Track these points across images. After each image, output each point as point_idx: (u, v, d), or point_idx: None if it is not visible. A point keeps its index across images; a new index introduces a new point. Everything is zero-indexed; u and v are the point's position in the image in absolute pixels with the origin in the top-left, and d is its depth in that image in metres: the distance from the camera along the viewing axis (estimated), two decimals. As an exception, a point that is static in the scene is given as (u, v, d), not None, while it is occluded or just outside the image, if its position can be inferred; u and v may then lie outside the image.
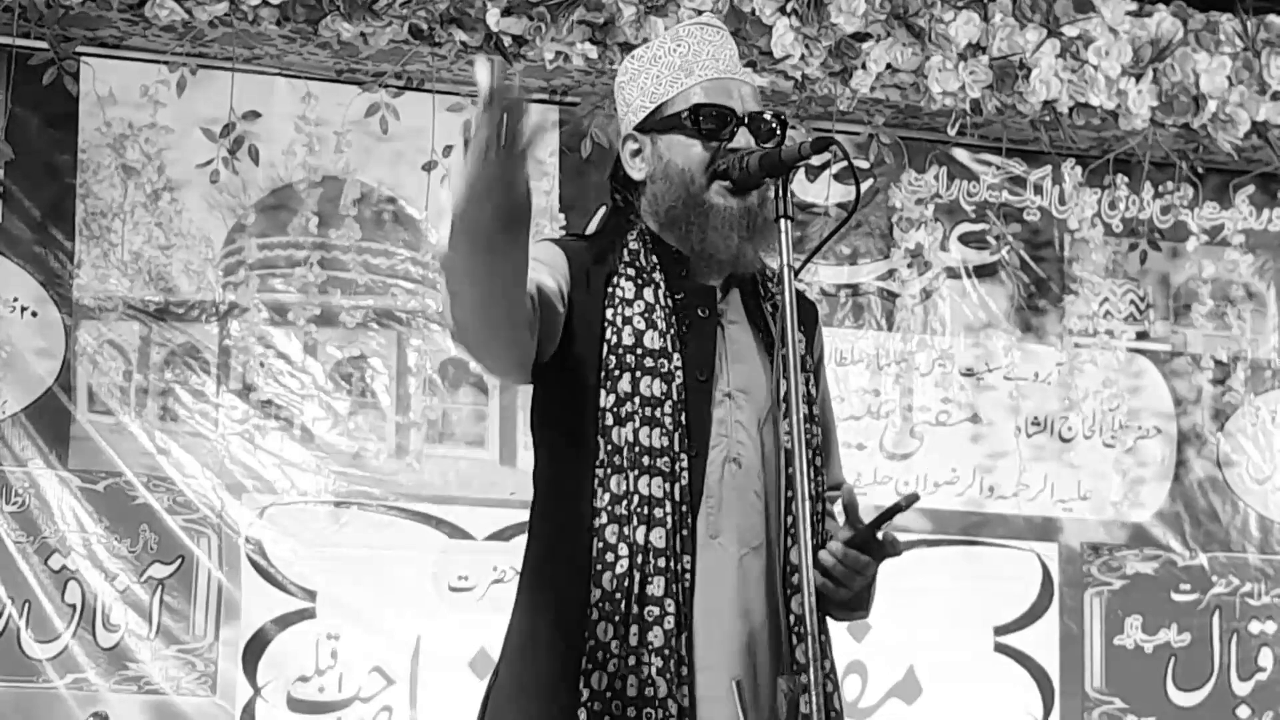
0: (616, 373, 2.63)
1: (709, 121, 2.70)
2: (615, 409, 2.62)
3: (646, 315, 2.67)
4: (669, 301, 2.69)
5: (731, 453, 2.67)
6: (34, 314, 4.62)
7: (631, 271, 2.70)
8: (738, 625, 2.63)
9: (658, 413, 2.62)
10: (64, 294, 4.64)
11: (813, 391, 2.76)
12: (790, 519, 2.65)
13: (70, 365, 4.61)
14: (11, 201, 4.62)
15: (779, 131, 2.73)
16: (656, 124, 2.74)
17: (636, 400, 2.62)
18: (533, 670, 2.61)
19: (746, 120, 2.71)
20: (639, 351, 2.64)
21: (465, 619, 4.69)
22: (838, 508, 2.71)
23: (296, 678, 4.65)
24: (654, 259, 2.72)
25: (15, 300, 4.61)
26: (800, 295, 2.81)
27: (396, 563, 4.74)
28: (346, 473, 4.77)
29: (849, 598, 2.69)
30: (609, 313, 2.66)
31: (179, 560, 4.61)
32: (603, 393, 2.63)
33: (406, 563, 4.74)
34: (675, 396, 2.63)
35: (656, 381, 2.63)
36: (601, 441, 2.61)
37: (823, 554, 2.64)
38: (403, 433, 4.83)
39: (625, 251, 2.72)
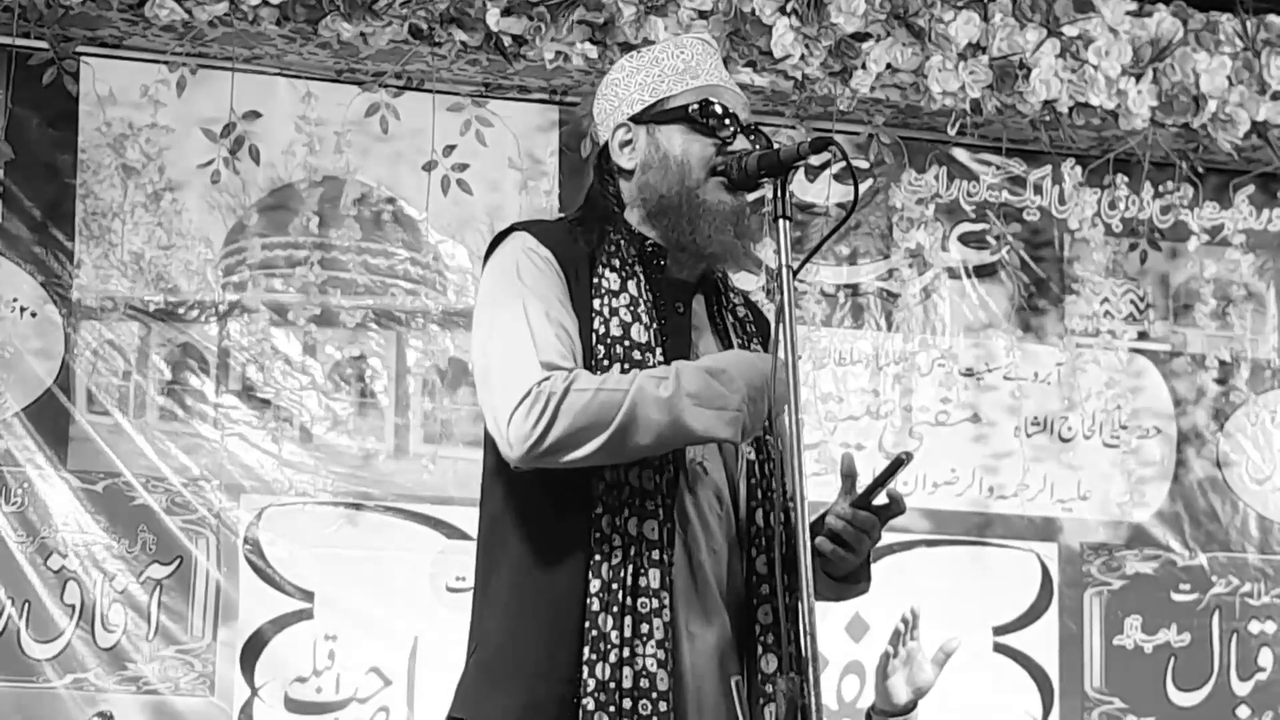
0: (606, 363, 2.64)
1: (715, 119, 2.73)
2: None
3: (632, 308, 2.68)
4: (650, 295, 2.71)
5: (697, 456, 2.69)
6: (34, 314, 4.61)
7: (616, 263, 2.71)
8: (701, 623, 2.66)
9: None
10: (64, 294, 4.64)
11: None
12: (754, 529, 2.69)
13: (70, 366, 4.61)
14: (11, 201, 4.62)
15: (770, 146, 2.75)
16: (656, 115, 2.76)
17: None
18: (526, 653, 2.61)
19: (746, 129, 2.74)
20: (626, 344, 2.66)
21: (463, 619, 4.61)
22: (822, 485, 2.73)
23: (294, 678, 4.65)
24: (633, 251, 2.74)
25: (15, 300, 4.61)
26: (755, 307, 2.84)
27: (394, 563, 4.73)
28: (345, 473, 4.76)
29: (855, 566, 2.74)
30: (596, 303, 2.68)
31: (177, 561, 4.61)
32: None
33: (404, 563, 4.73)
34: None
35: None
36: None
37: (830, 519, 2.69)
38: (402, 433, 4.82)
39: (608, 241, 2.73)
